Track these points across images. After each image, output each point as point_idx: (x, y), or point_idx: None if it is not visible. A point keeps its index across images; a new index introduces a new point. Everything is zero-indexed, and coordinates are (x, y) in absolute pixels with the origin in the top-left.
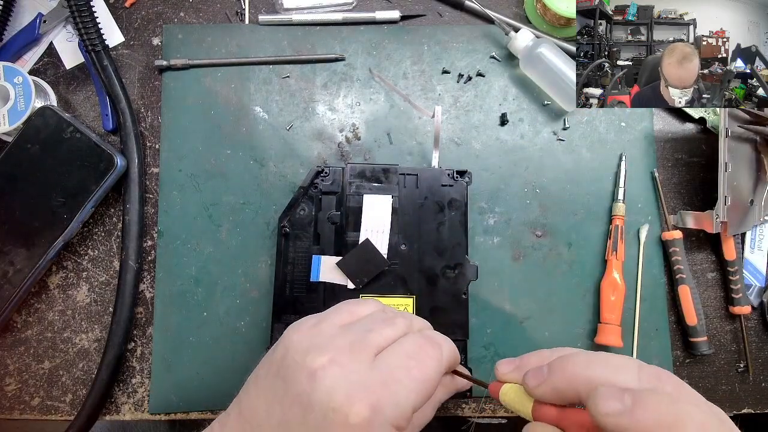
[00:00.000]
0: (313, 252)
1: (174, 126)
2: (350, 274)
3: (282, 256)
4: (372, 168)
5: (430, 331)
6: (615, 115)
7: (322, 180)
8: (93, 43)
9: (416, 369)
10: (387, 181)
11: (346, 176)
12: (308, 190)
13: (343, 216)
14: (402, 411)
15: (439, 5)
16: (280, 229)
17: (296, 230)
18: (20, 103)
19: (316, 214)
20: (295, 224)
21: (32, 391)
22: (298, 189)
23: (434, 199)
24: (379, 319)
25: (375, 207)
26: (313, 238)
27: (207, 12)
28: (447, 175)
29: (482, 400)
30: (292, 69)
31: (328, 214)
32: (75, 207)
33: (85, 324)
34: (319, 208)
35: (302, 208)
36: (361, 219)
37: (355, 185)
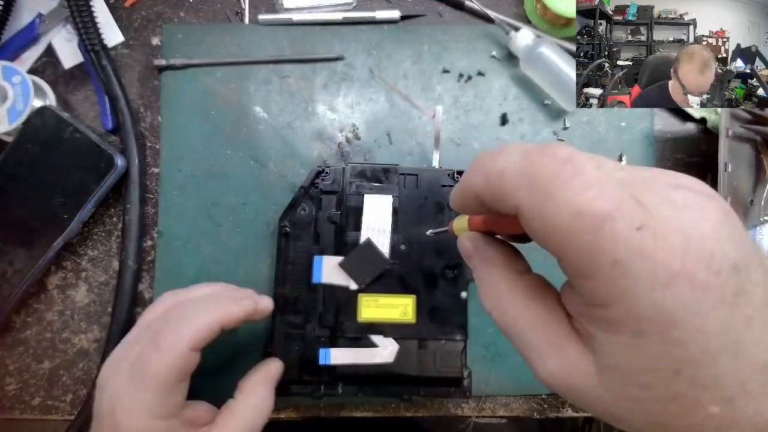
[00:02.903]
0: (313, 252)
1: (174, 126)
2: (352, 274)
3: (282, 256)
4: (372, 168)
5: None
6: (615, 115)
7: (323, 180)
8: (92, 43)
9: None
10: (387, 181)
11: (347, 176)
12: (309, 190)
13: (343, 216)
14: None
15: (439, 5)
16: (281, 229)
17: (297, 230)
18: (19, 103)
19: (316, 214)
20: (296, 224)
21: (32, 391)
22: (299, 189)
23: (434, 199)
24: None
25: (375, 207)
26: (313, 237)
27: (207, 12)
28: (447, 175)
29: (482, 399)
30: (292, 69)
31: (329, 214)
32: (75, 207)
33: (85, 324)
34: (319, 208)
35: (303, 208)
36: (362, 219)
37: (356, 185)
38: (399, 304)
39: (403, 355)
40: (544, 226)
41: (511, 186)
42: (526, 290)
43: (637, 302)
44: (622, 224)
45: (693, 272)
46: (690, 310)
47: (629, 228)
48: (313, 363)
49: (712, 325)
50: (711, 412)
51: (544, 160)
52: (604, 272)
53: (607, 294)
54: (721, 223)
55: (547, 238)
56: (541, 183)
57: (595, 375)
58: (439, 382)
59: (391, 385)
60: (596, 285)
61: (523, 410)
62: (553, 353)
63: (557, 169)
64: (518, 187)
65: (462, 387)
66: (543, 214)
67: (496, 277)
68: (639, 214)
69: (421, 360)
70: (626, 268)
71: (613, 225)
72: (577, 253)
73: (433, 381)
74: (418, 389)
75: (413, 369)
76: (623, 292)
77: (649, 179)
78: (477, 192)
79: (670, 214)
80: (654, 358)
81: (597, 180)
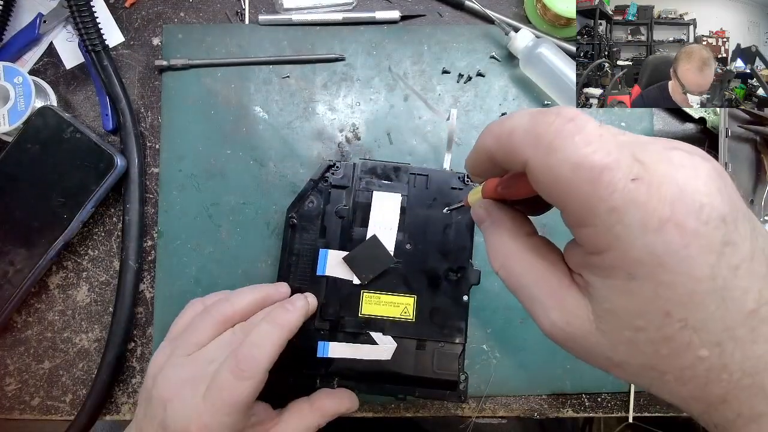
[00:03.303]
0: (318, 245)
1: (174, 126)
2: (356, 269)
3: (288, 247)
4: (383, 165)
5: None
6: (615, 115)
7: (333, 174)
8: (93, 43)
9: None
10: (397, 179)
11: (357, 171)
12: (318, 183)
13: (351, 211)
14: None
15: (439, 5)
16: (288, 220)
17: (303, 222)
18: (20, 103)
19: (324, 207)
20: (303, 216)
21: (32, 391)
22: (309, 181)
23: (443, 200)
24: (223, 347)
25: (384, 204)
26: (319, 230)
27: (207, 12)
28: (458, 178)
29: (482, 399)
30: (292, 69)
31: (337, 208)
32: (75, 207)
33: (85, 324)
34: (327, 201)
35: (311, 201)
36: (369, 215)
37: (365, 181)
38: (400, 302)
39: (400, 354)
40: (548, 179)
41: (520, 143)
42: (532, 249)
43: (631, 247)
44: (618, 175)
45: (683, 220)
46: (679, 255)
47: (625, 179)
48: (311, 355)
49: (700, 271)
50: (700, 355)
51: (549, 119)
52: (601, 219)
53: (603, 240)
54: (713, 180)
55: (550, 190)
56: (545, 139)
57: (593, 321)
58: (435, 383)
59: (387, 383)
60: (594, 232)
61: (523, 410)
62: (555, 304)
63: (560, 126)
64: (525, 143)
65: (457, 391)
66: (547, 167)
67: (505, 238)
68: (635, 168)
69: (418, 360)
70: (621, 216)
71: (611, 176)
72: (577, 203)
73: (430, 382)
74: (413, 389)
75: (410, 369)
76: (618, 238)
77: (647, 142)
78: (489, 152)
79: (665, 170)
80: (646, 301)
81: (597, 137)
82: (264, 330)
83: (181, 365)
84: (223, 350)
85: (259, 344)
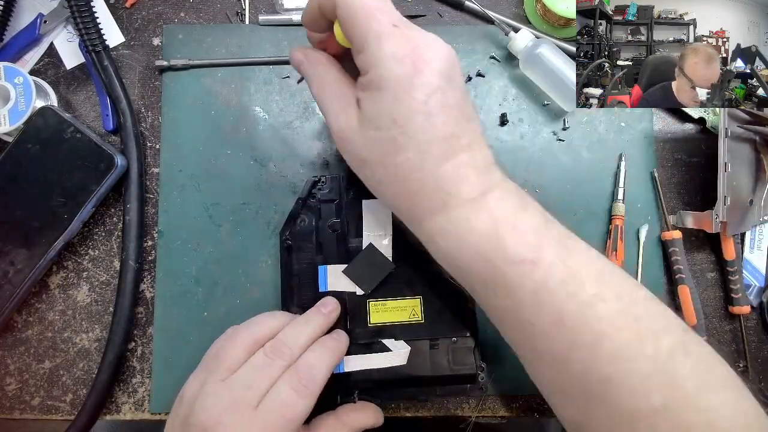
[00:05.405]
0: (317, 262)
1: (174, 126)
2: (357, 280)
3: (287, 269)
4: None
5: (303, 368)
6: (615, 115)
7: (320, 189)
8: (93, 44)
9: (288, 412)
10: None
11: (343, 183)
12: (307, 201)
13: (343, 223)
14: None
15: (439, 5)
16: (282, 243)
17: (298, 242)
18: (21, 104)
19: (316, 224)
20: (297, 236)
21: (32, 390)
22: (297, 201)
23: None
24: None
25: (374, 211)
26: (315, 247)
27: (207, 12)
28: None
29: (482, 399)
30: (292, 69)
31: (329, 222)
32: (75, 207)
33: (86, 324)
34: (319, 217)
35: (302, 219)
36: (362, 224)
37: (353, 191)
38: (407, 306)
39: (415, 356)
40: (343, 13)
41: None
42: (336, 77)
43: (383, 69)
44: (386, 17)
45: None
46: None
47: (389, 21)
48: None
49: (419, 96)
50: (408, 156)
51: None
52: (369, 45)
53: (369, 62)
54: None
55: (345, 24)
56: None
57: (358, 125)
58: (453, 380)
59: (406, 387)
60: (364, 57)
61: (523, 410)
62: (341, 112)
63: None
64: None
65: (477, 383)
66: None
67: (320, 70)
68: (396, 18)
69: (433, 359)
70: (381, 44)
71: (381, 15)
72: (358, 33)
73: (448, 380)
74: (434, 389)
75: (427, 369)
76: (376, 60)
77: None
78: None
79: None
80: (385, 107)
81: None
82: (320, 352)
83: (216, 393)
84: (257, 374)
85: (316, 365)
